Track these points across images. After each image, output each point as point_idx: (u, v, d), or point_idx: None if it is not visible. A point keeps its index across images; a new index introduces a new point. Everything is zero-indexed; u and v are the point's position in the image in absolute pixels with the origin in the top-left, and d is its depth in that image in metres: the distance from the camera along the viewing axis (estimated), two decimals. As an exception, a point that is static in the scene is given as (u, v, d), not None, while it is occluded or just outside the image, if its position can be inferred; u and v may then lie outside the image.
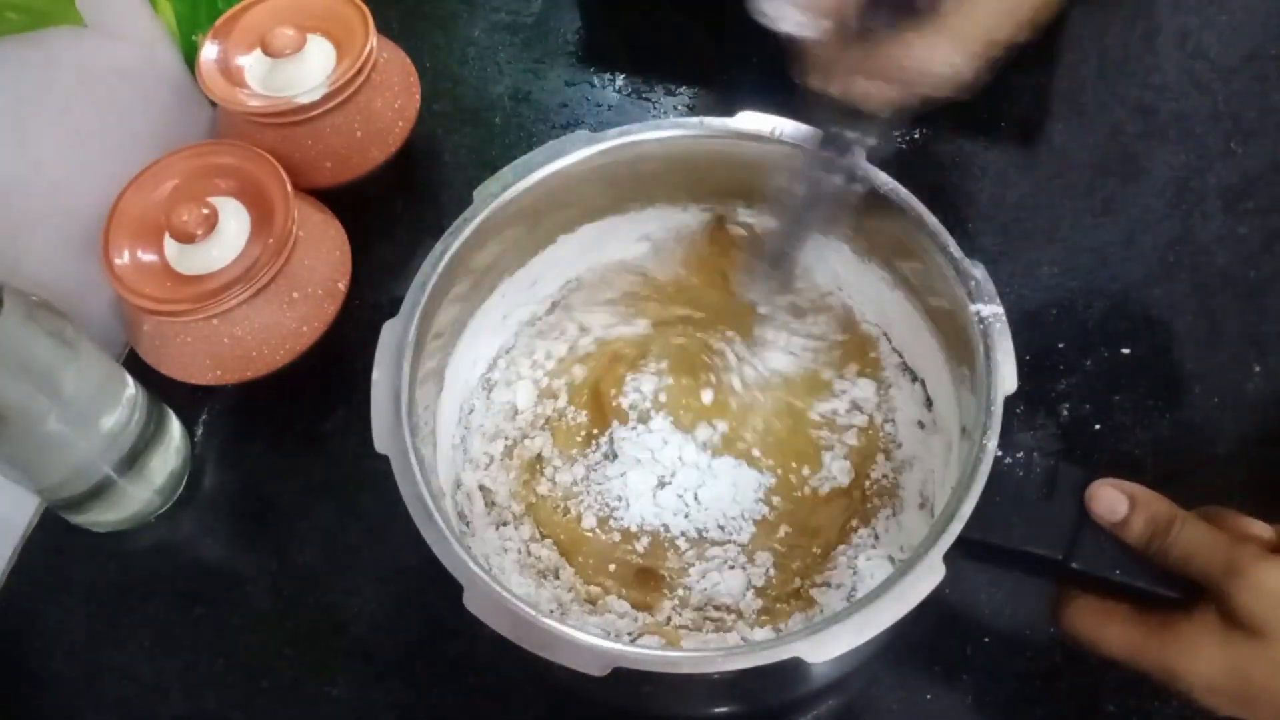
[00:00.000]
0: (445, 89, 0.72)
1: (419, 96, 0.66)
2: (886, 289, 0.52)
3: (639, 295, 0.57)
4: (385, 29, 0.65)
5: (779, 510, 0.52)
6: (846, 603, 0.48)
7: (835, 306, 0.55)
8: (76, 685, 0.54)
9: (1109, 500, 0.40)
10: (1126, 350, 0.58)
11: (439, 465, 0.49)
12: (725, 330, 0.56)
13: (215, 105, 0.65)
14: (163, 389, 0.58)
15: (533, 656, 0.38)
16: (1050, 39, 0.69)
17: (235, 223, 0.57)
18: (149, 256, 0.56)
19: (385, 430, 0.43)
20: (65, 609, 0.56)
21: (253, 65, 0.62)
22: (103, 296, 0.60)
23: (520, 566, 0.50)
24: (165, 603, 0.55)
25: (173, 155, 0.59)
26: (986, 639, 0.51)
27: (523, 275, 0.54)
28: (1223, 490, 0.44)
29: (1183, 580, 0.39)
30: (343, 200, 0.63)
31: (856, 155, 0.41)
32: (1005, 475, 0.41)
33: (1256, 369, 0.57)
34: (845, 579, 0.49)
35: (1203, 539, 0.38)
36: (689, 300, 0.57)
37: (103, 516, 0.56)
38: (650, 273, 0.57)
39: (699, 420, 0.54)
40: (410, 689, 0.52)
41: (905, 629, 0.38)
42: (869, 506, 0.51)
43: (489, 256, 0.50)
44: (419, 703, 0.52)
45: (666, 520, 0.52)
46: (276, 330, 0.57)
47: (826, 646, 0.37)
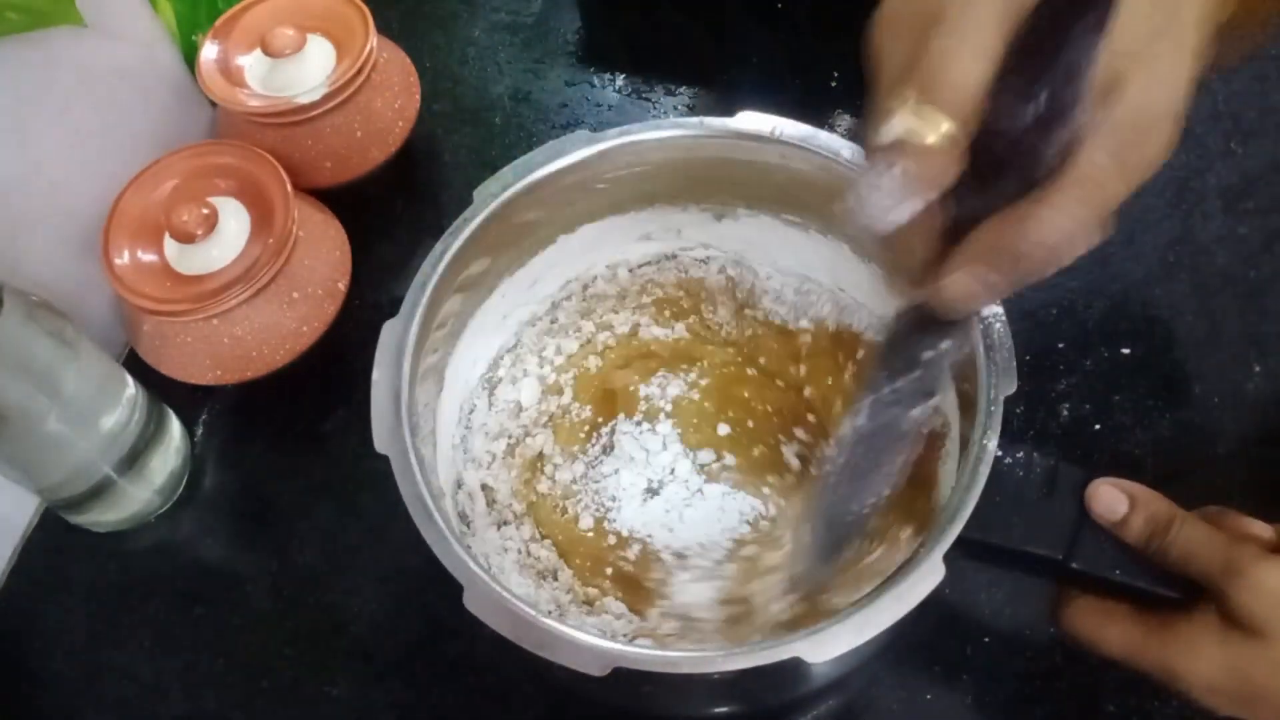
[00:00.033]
0: (445, 89, 0.72)
1: (419, 96, 0.66)
2: (887, 289, 0.52)
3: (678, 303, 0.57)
4: (385, 29, 0.65)
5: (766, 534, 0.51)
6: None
7: (831, 305, 0.55)
8: (76, 685, 0.54)
9: (1109, 500, 0.40)
10: (1126, 350, 0.58)
11: (439, 465, 0.49)
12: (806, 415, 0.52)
13: (215, 105, 0.65)
14: (163, 389, 0.58)
15: (533, 656, 0.38)
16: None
17: (235, 223, 0.57)
18: (149, 256, 0.56)
19: (385, 430, 0.43)
20: (65, 609, 0.56)
21: (253, 65, 0.62)
22: (103, 296, 0.60)
23: (520, 567, 0.50)
24: (165, 603, 0.55)
25: (173, 155, 0.59)
26: (986, 639, 0.51)
27: (523, 275, 0.54)
28: (1223, 490, 0.44)
29: (1183, 580, 0.39)
30: (343, 200, 0.63)
31: (941, 371, 0.33)
32: (1005, 475, 0.41)
33: (1256, 369, 0.57)
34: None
35: (1202, 539, 0.38)
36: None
37: (103, 516, 0.56)
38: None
39: (706, 445, 0.53)
40: (410, 689, 0.52)
41: (905, 629, 0.38)
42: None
43: (489, 256, 0.50)
44: (419, 703, 0.52)
45: (653, 532, 0.51)
46: (276, 330, 0.57)
47: (826, 646, 0.37)
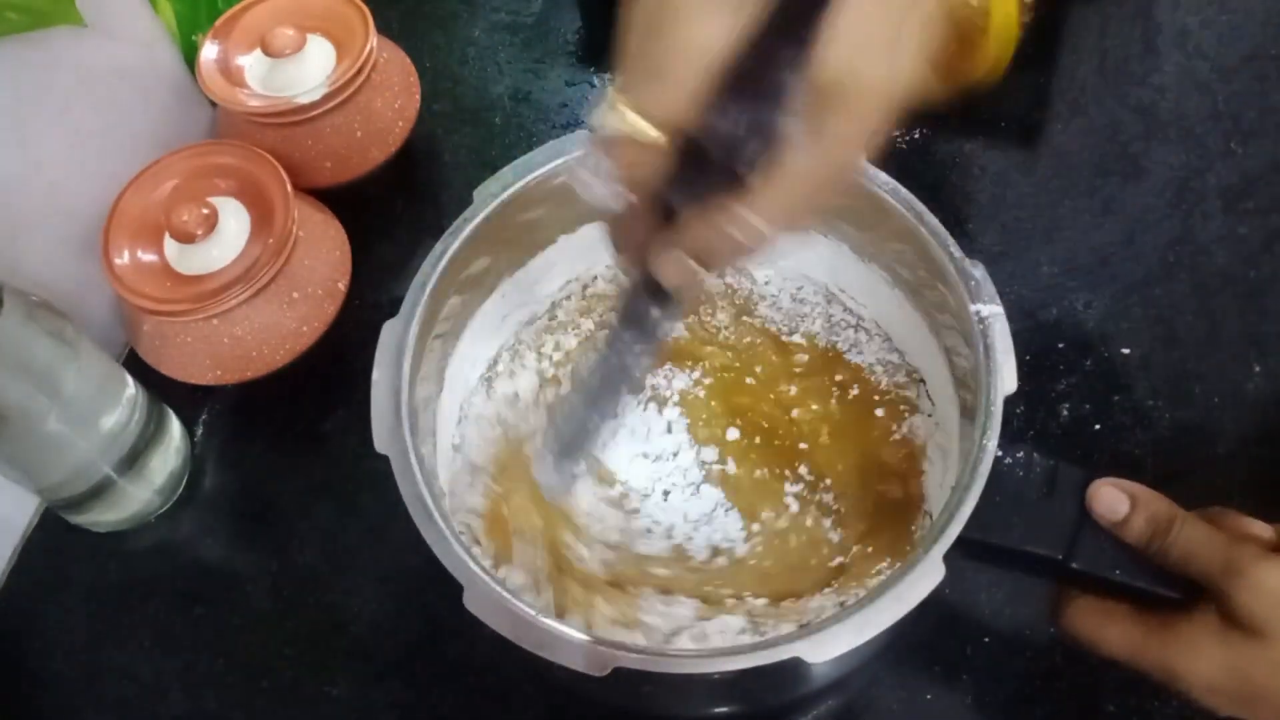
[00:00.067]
0: (445, 89, 0.72)
1: (419, 96, 0.66)
2: (886, 289, 0.52)
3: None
4: (385, 29, 0.65)
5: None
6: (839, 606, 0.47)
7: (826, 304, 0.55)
8: (76, 685, 0.54)
9: (1109, 500, 0.40)
10: (1126, 350, 0.58)
11: (439, 465, 0.49)
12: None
13: (215, 105, 0.65)
14: (163, 389, 0.58)
15: (533, 656, 0.38)
16: (1050, 39, 0.69)
17: (235, 223, 0.57)
18: (149, 256, 0.56)
19: (385, 430, 0.43)
20: (65, 609, 0.56)
21: (253, 65, 0.62)
22: (103, 296, 0.60)
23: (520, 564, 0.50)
24: (165, 603, 0.55)
25: (173, 155, 0.59)
26: (986, 639, 0.51)
27: (523, 275, 0.54)
28: (1223, 490, 0.44)
29: (1183, 580, 0.39)
30: (343, 200, 0.63)
31: (659, 334, 0.38)
32: (1005, 475, 0.41)
33: (1256, 369, 0.57)
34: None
35: (1203, 539, 0.38)
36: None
37: (103, 516, 0.56)
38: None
39: (712, 443, 0.52)
40: (410, 689, 0.52)
41: (905, 629, 0.38)
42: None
43: (489, 257, 0.50)
44: (419, 703, 0.52)
45: (637, 486, 0.50)
46: (276, 330, 0.57)
47: (826, 646, 0.37)
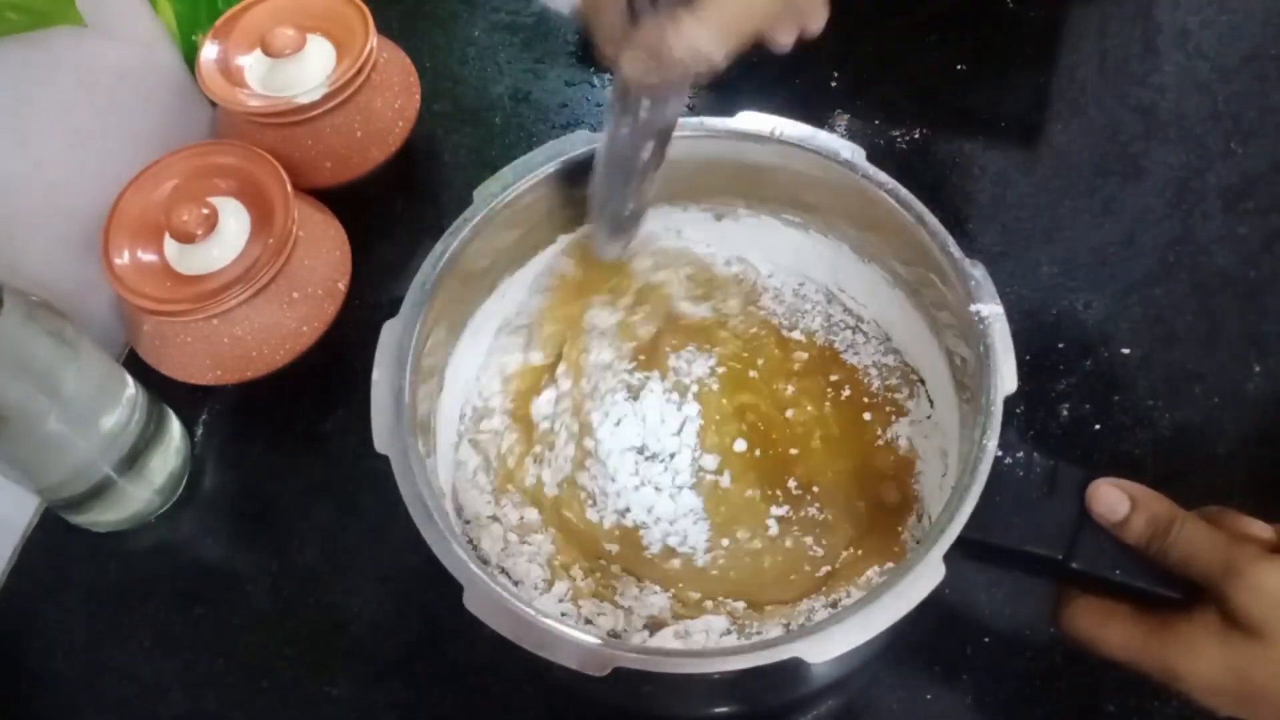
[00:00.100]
0: (445, 89, 0.72)
1: (419, 96, 0.66)
2: (886, 289, 0.52)
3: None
4: (385, 29, 0.65)
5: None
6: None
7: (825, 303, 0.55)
8: (76, 685, 0.54)
9: (1109, 500, 0.40)
10: (1126, 350, 0.58)
11: (439, 465, 0.49)
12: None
13: (215, 105, 0.65)
14: (163, 389, 0.58)
15: (533, 656, 0.38)
16: (1050, 39, 0.70)
17: (235, 223, 0.57)
18: (149, 256, 0.56)
19: (385, 430, 0.43)
20: (65, 609, 0.56)
21: (253, 65, 0.62)
22: (103, 296, 0.60)
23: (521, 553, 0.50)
24: (165, 603, 0.55)
25: (173, 155, 0.59)
26: (986, 639, 0.51)
27: (523, 275, 0.54)
28: (1223, 490, 0.44)
29: (1183, 580, 0.39)
30: (343, 200, 0.63)
31: (654, 114, 0.43)
32: (1005, 475, 0.41)
33: (1256, 369, 0.57)
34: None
35: (1203, 539, 0.38)
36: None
37: (103, 516, 0.56)
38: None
39: (717, 452, 0.52)
40: (410, 689, 0.52)
41: (905, 629, 0.38)
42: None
43: (489, 256, 0.50)
44: (419, 703, 0.52)
45: (640, 507, 0.51)
46: (276, 330, 0.57)
47: (826, 646, 0.37)
